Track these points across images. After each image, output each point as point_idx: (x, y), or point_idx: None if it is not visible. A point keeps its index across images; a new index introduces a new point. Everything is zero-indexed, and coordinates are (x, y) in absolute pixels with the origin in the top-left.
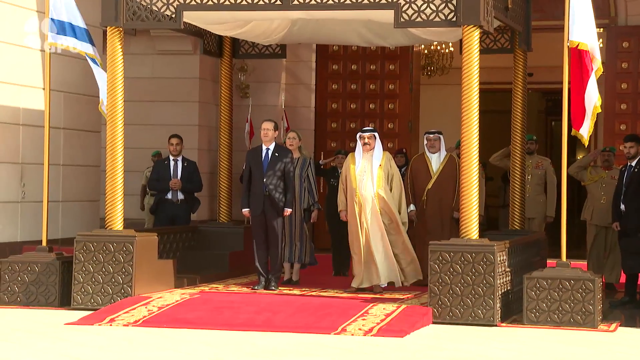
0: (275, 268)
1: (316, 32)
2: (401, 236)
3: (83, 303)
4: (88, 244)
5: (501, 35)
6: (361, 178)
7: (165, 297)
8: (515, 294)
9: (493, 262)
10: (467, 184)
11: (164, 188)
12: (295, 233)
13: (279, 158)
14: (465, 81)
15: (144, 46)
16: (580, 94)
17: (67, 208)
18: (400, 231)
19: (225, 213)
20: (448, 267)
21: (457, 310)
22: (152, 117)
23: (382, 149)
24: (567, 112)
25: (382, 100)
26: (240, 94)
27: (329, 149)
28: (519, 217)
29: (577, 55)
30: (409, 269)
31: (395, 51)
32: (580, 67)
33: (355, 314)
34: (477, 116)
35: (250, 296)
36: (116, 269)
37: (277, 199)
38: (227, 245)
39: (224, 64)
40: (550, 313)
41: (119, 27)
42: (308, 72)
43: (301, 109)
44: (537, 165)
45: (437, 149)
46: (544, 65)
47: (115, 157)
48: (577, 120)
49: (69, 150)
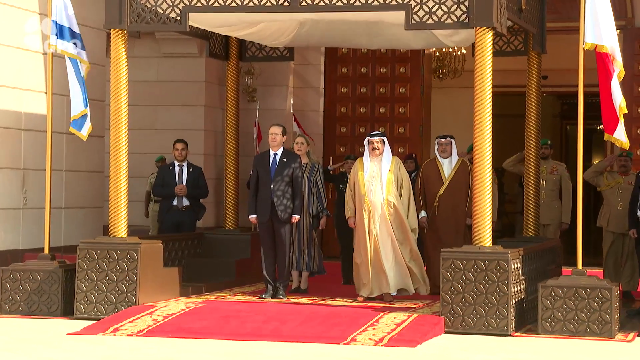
0: (283, 276)
1: (325, 34)
2: (409, 243)
3: (86, 312)
4: (91, 252)
5: (515, 37)
6: (370, 184)
7: (170, 306)
8: (530, 303)
9: (507, 270)
10: (479, 189)
11: (169, 194)
12: (303, 240)
13: (287, 163)
14: (478, 84)
15: (149, 49)
16: (609, 97)
17: (69, 215)
18: (409, 238)
19: (231, 220)
20: (460, 275)
21: (470, 320)
22: (156, 121)
23: (392, 153)
24: (583, 116)
25: (392, 104)
26: (247, 97)
27: (338, 154)
28: (533, 224)
29: (602, 59)
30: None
31: (406, 54)
32: (605, 71)
33: (365, 324)
34: (490, 120)
35: (258, 305)
36: (120, 277)
37: (285, 206)
38: (234, 253)
39: (231, 66)
40: (566, 322)
41: (123, 30)
42: (316, 75)
43: (309, 113)
44: (552, 171)
45: (448, 153)
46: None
47: (119, 162)
48: (610, 124)
49: (71, 156)
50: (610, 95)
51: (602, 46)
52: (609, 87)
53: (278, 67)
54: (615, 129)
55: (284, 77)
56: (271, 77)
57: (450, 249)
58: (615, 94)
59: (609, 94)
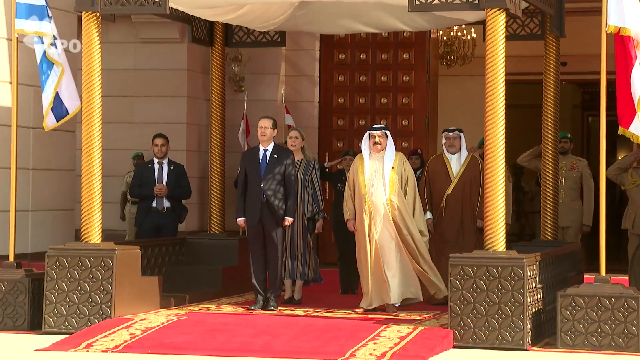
0: (274, 285)
1: (320, 17)
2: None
3: (56, 326)
4: (61, 259)
5: (530, 20)
6: (371, 182)
7: (149, 319)
8: (548, 314)
9: (522, 277)
10: (492, 188)
11: (148, 195)
12: (297, 245)
13: (278, 160)
14: (490, 72)
15: (125, 34)
16: (626, 86)
17: (37, 218)
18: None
19: (217, 223)
20: (471, 284)
21: (482, 333)
22: (133, 114)
23: (395, 149)
24: (606, 107)
25: (395, 93)
26: (234, 87)
27: (335, 150)
28: (551, 226)
29: (621, 42)
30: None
31: (410, 38)
32: (625, 56)
33: (366, 337)
34: (503, 111)
35: (247, 317)
36: (93, 288)
37: (277, 207)
38: (220, 260)
39: (216, 53)
40: (588, 335)
41: (95, 13)
42: (311, 62)
43: (303, 104)
44: (572, 167)
45: (457, 148)
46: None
47: (92, 160)
48: (625, 116)
49: (39, 153)
50: (629, 84)
51: (626, 29)
52: (629, 75)
53: (268, 53)
54: (632, 122)
55: (274, 65)
56: (260, 65)
57: (459, 255)
58: (635, 84)
59: (627, 82)
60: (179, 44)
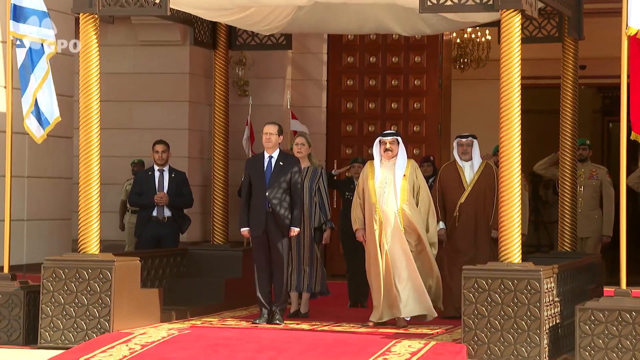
0: (280, 298)
1: (327, 18)
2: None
3: (52, 341)
4: (58, 271)
5: (547, 21)
6: (382, 191)
7: (149, 334)
8: (566, 329)
9: (539, 290)
10: (507, 197)
11: (148, 204)
12: (304, 257)
13: (284, 168)
14: (505, 75)
15: (124, 36)
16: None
17: (33, 228)
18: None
19: (220, 233)
20: (485, 297)
21: (497, 348)
22: (133, 119)
23: (407, 156)
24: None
25: (406, 98)
26: (238, 91)
27: (344, 157)
28: (569, 237)
29: (637, 44)
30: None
31: (422, 40)
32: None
33: (375, 353)
34: (518, 117)
35: (251, 332)
36: (91, 300)
37: (282, 216)
38: (223, 272)
39: (219, 56)
40: (608, 351)
41: (93, 14)
42: (318, 65)
43: (310, 110)
44: (591, 175)
45: (470, 155)
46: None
47: (90, 167)
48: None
49: (35, 160)
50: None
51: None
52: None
53: (273, 56)
54: None
55: (280, 68)
56: (265, 68)
57: (472, 266)
58: None
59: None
60: (180, 46)
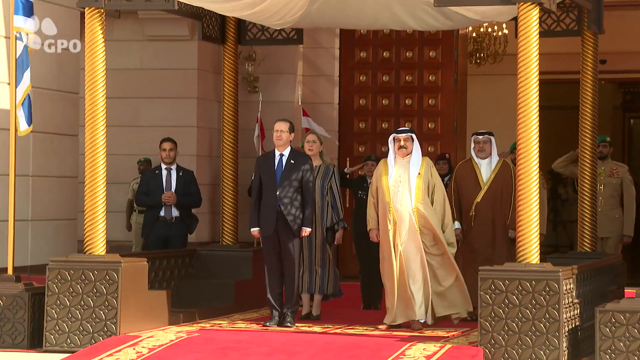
0: (291, 300)
1: (340, 12)
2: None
3: (57, 344)
4: (63, 272)
5: (566, 15)
6: (396, 190)
7: (157, 336)
8: (586, 331)
9: (558, 292)
10: (525, 195)
11: (155, 203)
12: (315, 258)
13: (295, 166)
14: (523, 71)
15: (131, 31)
16: None
17: (37, 228)
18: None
19: (229, 233)
20: (502, 298)
21: (514, 351)
22: (140, 117)
23: (422, 154)
24: None
25: (420, 94)
26: (248, 88)
27: (357, 155)
28: (589, 237)
29: None
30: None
31: (437, 35)
32: None
33: (389, 356)
34: (536, 113)
35: (261, 335)
36: (97, 303)
37: (294, 216)
38: (233, 273)
39: (228, 51)
40: (629, 354)
41: (99, 9)
42: (330, 61)
43: (322, 106)
44: (612, 173)
45: (487, 153)
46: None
47: (96, 166)
48: None
49: (39, 158)
50: None
51: None
52: None
53: (284, 51)
54: None
55: (291, 64)
56: (276, 64)
57: (489, 267)
58: None
59: None
60: (188, 41)
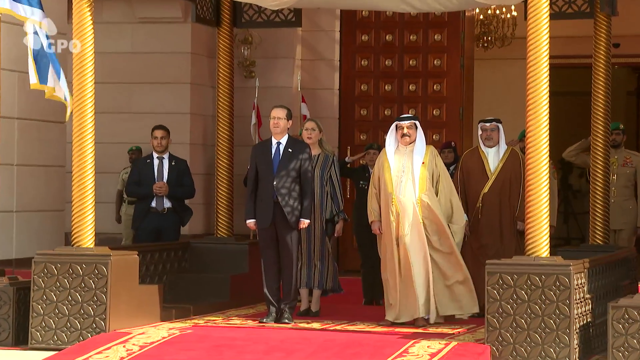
0: (289, 296)
1: None
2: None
3: (44, 341)
4: (50, 266)
5: None
6: (399, 180)
7: (148, 333)
8: (598, 328)
9: (568, 286)
10: (534, 186)
11: (146, 194)
12: (314, 251)
13: (293, 154)
14: (532, 55)
15: (121, 13)
16: None
17: (22, 220)
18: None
19: (224, 225)
20: (510, 294)
21: (523, 349)
22: (131, 103)
23: (426, 142)
24: None
25: (425, 80)
26: (244, 73)
27: (358, 143)
28: (601, 229)
29: None
30: (466, 297)
31: (442, 17)
32: None
33: (392, 354)
34: (547, 99)
35: (258, 331)
36: (86, 298)
37: (291, 207)
38: (228, 267)
39: (223, 34)
40: None
41: None
42: (330, 44)
43: (322, 92)
44: (625, 162)
45: (495, 141)
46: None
47: (84, 154)
48: None
49: (24, 147)
50: None
51: None
52: None
53: (282, 34)
54: None
55: (289, 48)
56: (273, 48)
57: (497, 261)
58: None
59: None
60: (181, 24)
